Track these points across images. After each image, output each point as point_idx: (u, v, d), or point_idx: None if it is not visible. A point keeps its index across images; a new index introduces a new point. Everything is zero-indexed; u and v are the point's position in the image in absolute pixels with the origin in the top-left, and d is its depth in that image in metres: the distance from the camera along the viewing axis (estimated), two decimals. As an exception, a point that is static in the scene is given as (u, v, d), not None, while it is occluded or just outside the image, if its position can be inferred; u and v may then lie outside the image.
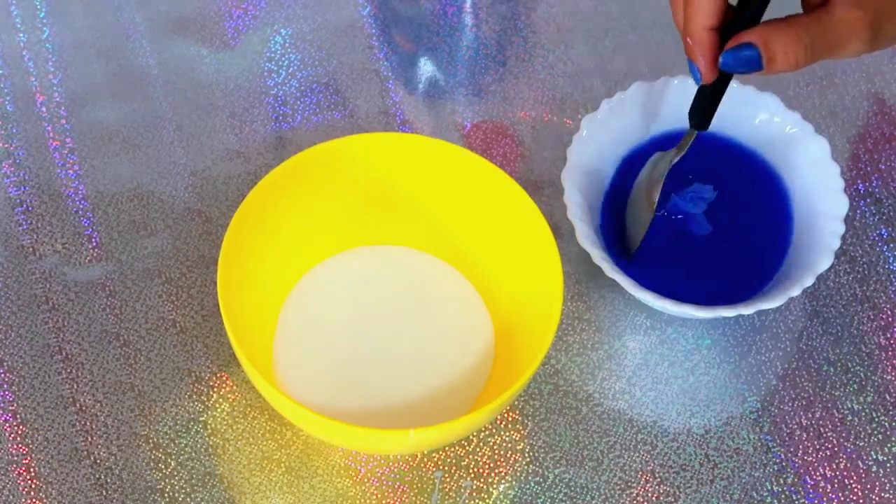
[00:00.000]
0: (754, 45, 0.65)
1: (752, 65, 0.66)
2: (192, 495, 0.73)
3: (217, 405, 0.75)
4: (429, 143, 0.74)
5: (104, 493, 0.72)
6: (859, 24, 0.65)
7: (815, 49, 0.65)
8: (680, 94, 0.79)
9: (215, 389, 0.75)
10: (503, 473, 0.74)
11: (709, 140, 0.80)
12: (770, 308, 0.73)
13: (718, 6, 0.66)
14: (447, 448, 0.74)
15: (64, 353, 0.76)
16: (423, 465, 0.74)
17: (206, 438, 0.74)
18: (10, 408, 0.74)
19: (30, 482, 0.73)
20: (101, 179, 0.81)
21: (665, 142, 0.80)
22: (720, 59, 0.67)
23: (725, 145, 0.80)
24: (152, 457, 0.73)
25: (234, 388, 0.75)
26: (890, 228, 0.82)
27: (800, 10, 0.67)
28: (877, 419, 0.76)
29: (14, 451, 0.73)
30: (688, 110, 0.73)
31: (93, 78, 0.85)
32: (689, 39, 0.67)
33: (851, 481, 0.75)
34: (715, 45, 0.67)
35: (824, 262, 0.74)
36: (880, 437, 0.76)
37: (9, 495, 0.72)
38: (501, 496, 0.73)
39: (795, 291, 0.73)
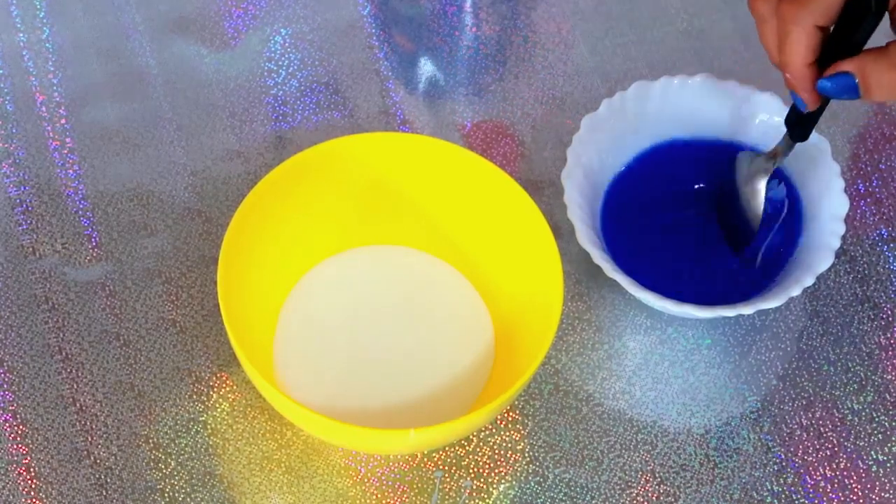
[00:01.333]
0: (850, 74, 0.66)
1: (847, 92, 0.66)
2: (192, 495, 0.73)
3: (217, 405, 0.75)
4: (429, 143, 0.74)
5: (104, 493, 0.72)
6: None
7: None
8: (679, 94, 0.79)
9: (215, 389, 0.75)
10: (503, 473, 0.74)
11: (709, 140, 0.80)
12: (770, 308, 0.73)
13: (815, 44, 0.66)
14: (447, 448, 0.74)
15: (64, 353, 0.76)
16: (423, 465, 0.74)
17: (206, 438, 0.74)
18: (10, 408, 0.74)
19: (30, 482, 0.73)
20: (101, 179, 0.81)
21: (664, 142, 0.80)
22: (818, 84, 0.67)
23: (725, 146, 0.80)
24: (152, 457, 0.73)
25: (234, 388, 0.75)
26: (890, 228, 0.82)
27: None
28: (877, 419, 0.76)
29: (14, 451, 0.73)
30: (784, 120, 0.74)
31: (93, 78, 0.85)
32: (787, 75, 0.68)
33: (851, 481, 0.75)
34: (815, 77, 0.68)
35: (824, 262, 0.74)
36: (880, 437, 0.76)
37: (9, 495, 0.72)
38: (501, 496, 0.73)
39: (795, 291, 0.73)
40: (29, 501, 0.72)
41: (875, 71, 0.65)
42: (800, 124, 0.73)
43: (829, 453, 0.75)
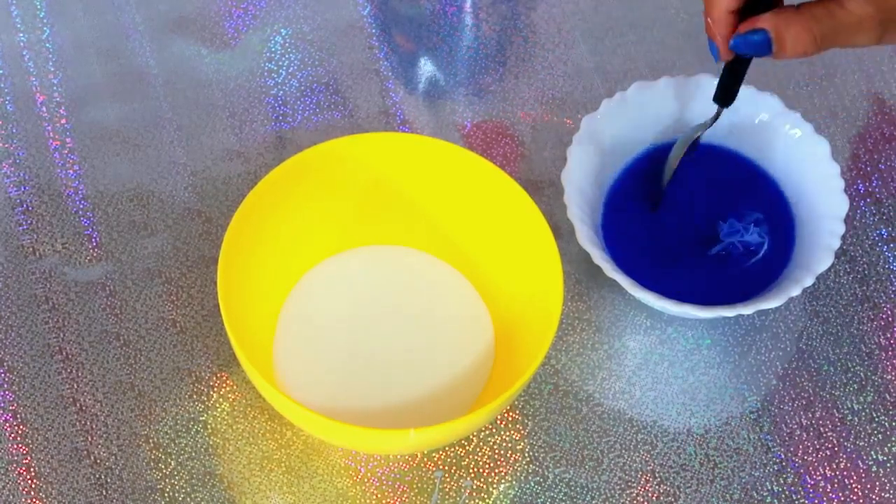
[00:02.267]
0: (765, 31, 0.67)
1: (761, 49, 0.68)
2: (192, 495, 0.73)
3: (217, 405, 0.75)
4: (429, 143, 0.74)
5: (104, 493, 0.72)
6: (870, 21, 0.66)
7: (824, 40, 0.67)
8: (679, 94, 0.79)
9: (215, 389, 0.75)
10: (503, 473, 0.74)
11: (709, 141, 0.80)
12: (770, 308, 0.73)
13: None
14: (447, 448, 0.74)
15: (64, 353, 0.76)
16: (423, 465, 0.74)
17: (206, 438, 0.74)
18: (10, 408, 0.74)
19: (30, 482, 0.73)
20: (101, 179, 0.81)
21: (664, 142, 0.80)
22: (731, 43, 0.68)
23: (725, 146, 0.80)
24: (152, 457, 0.73)
25: (234, 388, 0.75)
26: (890, 228, 0.82)
27: None
28: (877, 419, 0.76)
29: (14, 451, 0.73)
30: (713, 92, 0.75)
31: (93, 78, 0.85)
32: (709, 19, 0.69)
33: (851, 481, 0.75)
34: (733, 26, 0.69)
35: (824, 262, 0.74)
36: (880, 437, 0.76)
37: (9, 495, 0.72)
38: (501, 496, 0.73)
39: (795, 291, 0.73)
40: (29, 501, 0.72)
41: (790, 29, 0.66)
42: (723, 85, 0.74)
43: (829, 453, 0.75)
